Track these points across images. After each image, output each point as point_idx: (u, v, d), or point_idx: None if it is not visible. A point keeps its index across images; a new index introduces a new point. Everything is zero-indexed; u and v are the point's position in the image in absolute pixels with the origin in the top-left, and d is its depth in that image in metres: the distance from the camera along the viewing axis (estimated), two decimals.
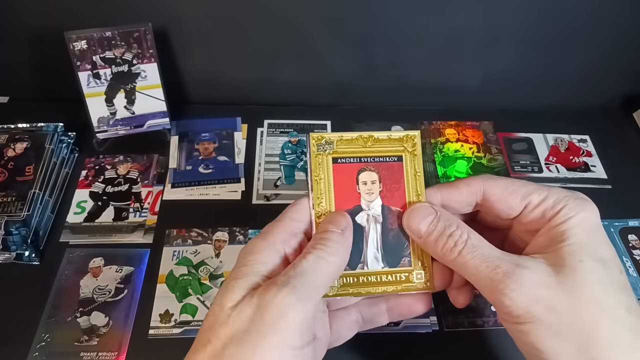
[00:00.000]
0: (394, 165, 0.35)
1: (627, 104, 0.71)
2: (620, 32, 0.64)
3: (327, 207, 0.34)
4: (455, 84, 0.70)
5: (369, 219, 0.35)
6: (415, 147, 0.35)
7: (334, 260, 0.30)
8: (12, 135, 0.59)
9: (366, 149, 0.35)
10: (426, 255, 0.35)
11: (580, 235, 0.29)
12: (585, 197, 0.31)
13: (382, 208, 0.35)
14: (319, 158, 0.35)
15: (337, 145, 0.35)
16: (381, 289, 0.35)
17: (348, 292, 0.34)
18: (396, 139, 0.35)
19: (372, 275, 0.35)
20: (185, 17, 0.61)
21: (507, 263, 0.28)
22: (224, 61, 0.67)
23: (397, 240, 0.35)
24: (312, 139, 0.35)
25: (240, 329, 0.27)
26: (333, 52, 0.66)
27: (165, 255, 0.53)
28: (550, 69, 0.68)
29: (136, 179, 0.60)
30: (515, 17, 0.62)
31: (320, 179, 0.34)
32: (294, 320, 0.27)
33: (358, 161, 0.35)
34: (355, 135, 0.35)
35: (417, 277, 0.35)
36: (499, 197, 0.32)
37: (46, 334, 0.47)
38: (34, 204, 0.53)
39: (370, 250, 0.35)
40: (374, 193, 0.35)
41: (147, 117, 0.62)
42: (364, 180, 0.35)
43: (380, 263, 0.35)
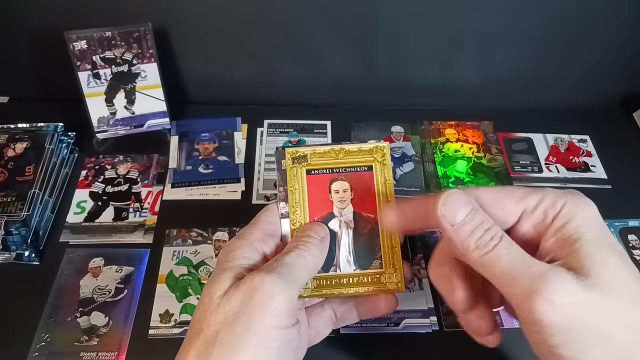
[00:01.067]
0: (365, 175, 0.38)
1: (627, 104, 0.71)
2: (620, 32, 0.64)
3: (302, 215, 0.37)
4: (455, 84, 0.70)
5: (341, 225, 0.37)
6: (384, 157, 0.38)
7: (312, 261, 0.33)
8: (12, 135, 0.59)
9: (338, 161, 0.38)
10: (397, 258, 0.37)
11: (592, 232, 0.28)
12: (580, 193, 0.30)
13: (354, 214, 0.37)
14: (294, 170, 0.37)
15: (311, 158, 0.37)
16: (353, 289, 0.37)
17: (322, 293, 0.37)
18: (366, 150, 0.38)
19: (344, 277, 0.37)
20: (185, 17, 0.61)
21: (541, 265, 0.27)
22: (224, 61, 0.67)
23: (369, 244, 0.37)
24: (287, 153, 0.37)
25: (231, 312, 0.28)
26: (333, 52, 0.66)
27: (165, 255, 0.53)
28: (551, 69, 0.68)
29: (136, 179, 0.60)
30: (516, 17, 0.62)
31: (295, 190, 0.37)
32: (282, 301, 0.29)
33: (330, 172, 0.38)
34: (328, 149, 0.38)
35: (388, 279, 0.37)
36: (493, 201, 0.31)
37: (46, 334, 0.46)
38: (34, 204, 0.53)
39: (342, 253, 0.37)
40: (345, 201, 0.37)
41: (147, 117, 0.62)
42: (336, 189, 0.37)
43: (352, 266, 0.37)
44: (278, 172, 0.37)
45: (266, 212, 0.37)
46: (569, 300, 0.25)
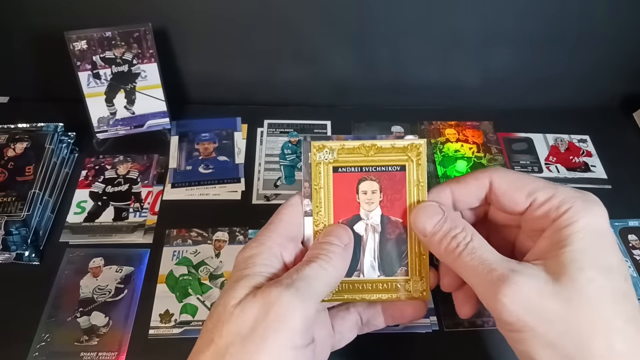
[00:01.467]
0: (396, 175, 0.35)
1: (627, 104, 0.71)
2: (620, 32, 0.64)
3: (326, 216, 0.34)
4: (455, 84, 0.70)
5: (367, 228, 0.35)
6: (420, 156, 0.34)
7: (334, 273, 0.31)
8: (12, 135, 0.59)
9: (368, 158, 0.34)
10: (424, 265, 0.35)
11: (584, 241, 0.27)
12: (594, 198, 0.30)
13: (381, 218, 0.35)
14: (320, 167, 0.34)
15: (339, 154, 0.34)
16: (376, 296, 0.35)
17: (343, 298, 0.35)
18: (400, 147, 0.34)
19: (367, 283, 0.35)
20: (185, 17, 0.61)
21: (503, 268, 0.28)
22: (224, 61, 0.67)
23: (395, 249, 0.35)
24: (313, 147, 0.34)
25: (244, 326, 0.27)
26: (333, 52, 0.66)
27: (165, 255, 0.53)
28: (550, 69, 0.68)
29: (136, 179, 0.60)
30: (516, 17, 0.62)
31: (320, 188, 0.34)
32: (298, 321, 0.27)
33: (359, 170, 0.34)
34: (358, 144, 0.34)
35: (413, 287, 0.35)
36: (505, 191, 0.31)
37: (46, 334, 0.46)
38: (34, 204, 0.53)
39: (367, 258, 0.35)
40: (373, 203, 0.35)
41: (147, 117, 0.62)
42: (364, 189, 0.35)
43: (377, 272, 0.35)
44: (304, 164, 0.34)
45: (289, 209, 0.34)
46: (523, 300, 0.26)
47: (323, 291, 0.30)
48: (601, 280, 0.26)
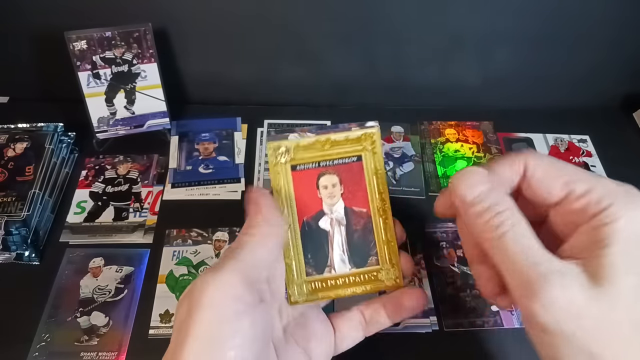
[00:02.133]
0: (354, 166, 0.35)
1: (627, 104, 0.71)
2: (620, 32, 0.64)
3: (290, 215, 0.34)
4: (455, 84, 0.70)
5: (333, 223, 0.35)
6: (374, 144, 0.35)
7: (257, 232, 0.30)
8: (12, 135, 0.59)
9: (325, 152, 0.34)
10: (394, 253, 0.35)
11: (626, 242, 0.25)
12: (636, 192, 0.27)
13: (345, 210, 0.35)
14: (278, 167, 0.34)
15: (295, 152, 0.34)
16: (350, 290, 0.35)
17: (317, 297, 0.35)
18: (354, 138, 0.35)
19: (340, 278, 0.35)
20: (185, 17, 0.61)
21: (549, 264, 0.25)
22: (224, 61, 0.67)
23: (363, 240, 0.35)
24: (269, 148, 0.34)
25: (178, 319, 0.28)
26: (333, 52, 0.66)
27: (165, 255, 0.53)
28: (550, 69, 0.68)
29: (136, 179, 0.60)
30: (515, 17, 0.62)
31: (280, 189, 0.34)
32: (214, 293, 0.27)
33: (317, 166, 0.34)
34: (313, 140, 0.34)
35: (385, 275, 0.35)
36: (540, 178, 0.28)
37: (46, 334, 0.47)
38: (34, 204, 0.53)
39: (336, 253, 0.35)
40: (335, 196, 0.35)
41: (147, 117, 0.62)
42: (325, 184, 0.35)
43: (348, 265, 0.35)
44: None
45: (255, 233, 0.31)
46: (564, 304, 0.24)
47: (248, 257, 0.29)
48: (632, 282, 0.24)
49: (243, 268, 0.28)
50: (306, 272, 0.34)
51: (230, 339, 0.26)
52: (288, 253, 0.34)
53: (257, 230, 0.30)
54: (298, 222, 0.34)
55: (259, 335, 0.28)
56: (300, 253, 0.34)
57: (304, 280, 0.34)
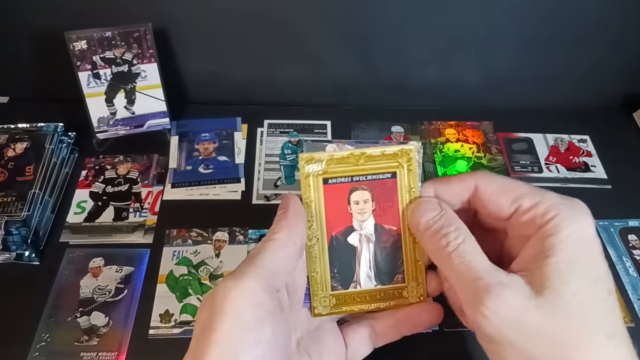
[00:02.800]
0: (388, 183, 0.34)
1: (627, 104, 0.71)
2: (620, 32, 0.64)
3: (319, 229, 0.34)
4: (455, 84, 0.70)
5: (362, 239, 0.34)
6: (410, 162, 0.34)
7: (278, 237, 0.30)
8: (12, 135, 0.59)
9: (358, 167, 0.33)
10: (420, 271, 0.34)
11: (568, 251, 0.27)
12: (581, 205, 0.29)
13: (375, 227, 0.34)
14: (309, 180, 0.33)
15: (328, 165, 0.33)
16: (374, 305, 0.35)
17: (341, 311, 0.35)
18: (390, 154, 0.33)
19: (365, 294, 0.35)
20: (185, 17, 0.61)
21: (490, 277, 0.27)
22: (224, 61, 0.67)
23: (391, 258, 0.34)
24: (301, 159, 0.33)
25: (199, 324, 0.27)
26: (333, 52, 0.66)
27: (165, 255, 0.53)
28: (550, 69, 0.68)
29: (136, 179, 0.60)
30: (515, 17, 0.62)
31: (310, 201, 0.33)
32: (236, 300, 0.27)
33: (350, 180, 0.34)
34: (347, 154, 0.33)
35: (410, 292, 0.35)
36: (490, 196, 0.31)
37: (46, 334, 0.47)
38: (34, 204, 0.53)
39: (362, 269, 0.35)
40: (366, 212, 0.34)
41: (147, 117, 0.62)
42: (356, 200, 0.34)
43: (374, 281, 0.35)
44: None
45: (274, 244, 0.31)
46: (506, 314, 0.26)
47: (272, 261, 0.29)
48: (584, 294, 0.26)
49: (264, 274, 0.28)
50: (332, 286, 0.34)
51: (252, 347, 0.26)
52: (314, 266, 0.34)
53: (279, 236, 0.30)
54: (327, 236, 0.34)
55: (280, 344, 0.28)
56: (327, 267, 0.34)
57: (329, 293, 0.34)
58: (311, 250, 0.34)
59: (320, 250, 0.34)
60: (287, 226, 0.30)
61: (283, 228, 0.30)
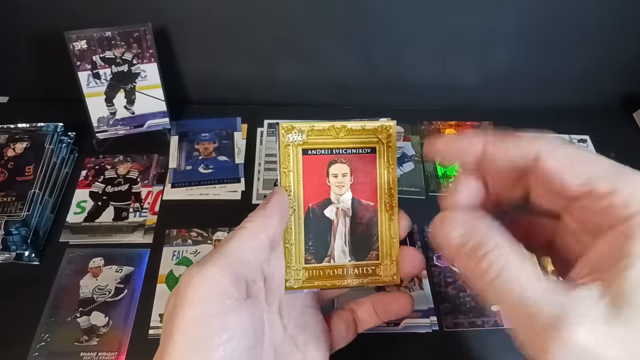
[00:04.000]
0: (367, 157, 0.34)
1: (627, 104, 0.71)
2: (620, 32, 0.64)
3: (295, 200, 0.33)
4: (455, 83, 0.70)
5: (338, 213, 0.34)
6: (390, 138, 0.34)
7: (249, 226, 0.30)
8: (12, 135, 0.59)
9: (338, 140, 0.34)
10: (395, 249, 0.35)
11: None
12: None
13: (352, 201, 0.34)
14: (289, 149, 0.33)
15: (308, 136, 0.33)
16: (347, 281, 0.34)
17: (313, 285, 0.34)
18: (370, 129, 0.34)
19: (338, 269, 0.34)
20: (185, 17, 0.61)
21: (551, 307, 0.21)
22: (224, 61, 0.67)
23: (366, 233, 0.34)
24: (281, 128, 0.33)
25: (167, 315, 0.27)
26: (333, 52, 0.66)
27: (165, 255, 0.53)
28: (550, 68, 0.68)
29: (136, 179, 0.60)
30: (515, 17, 0.62)
31: (289, 171, 0.33)
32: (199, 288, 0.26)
33: (329, 152, 0.34)
34: (327, 125, 0.33)
35: (383, 271, 0.35)
36: (552, 169, 0.24)
37: (46, 334, 0.47)
38: (34, 204, 0.53)
39: (337, 244, 0.34)
40: (344, 186, 0.34)
41: (147, 117, 0.62)
42: (335, 172, 0.34)
43: (348, 257, 0.34)
44: (277, 150, 0.34)
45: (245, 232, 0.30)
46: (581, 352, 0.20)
47: (235, 252, 0.28)
48: None
49: (229, 262, 0.28)
50: (305, 259, 0.34)
51: (217, 335, 0.25)
52: (289, 237, 0.34)
53: (250, 225, 0.29)
54: (303, 208, 0.34)
55: (248, 331, 0.27)
56: (302, 239, 0.34)
57: (302, 266, 0.34)
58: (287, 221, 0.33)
59: (296, 221, 0.34)
60: (262, 216, 0.30)
61: (257, 218, 0.30)
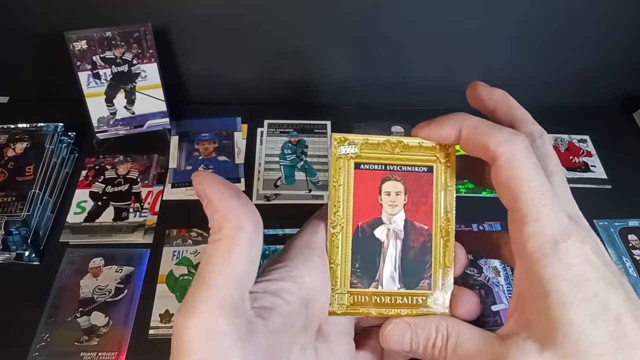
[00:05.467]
0: (423, 177, 0.32)
1: (627, 104, 0.71)
2: (620, 33, 0.64)
3: (344, 217, 0.32)
4: (455, 83, 0.69)
5: (389, 234, 0.32)
6: (449, 157, 0.32)
7: (222, 236, 0.25)
8: (12, 135, 0.59)
9: (393, 156, 0.32)
10: (448, 279, 0.32)
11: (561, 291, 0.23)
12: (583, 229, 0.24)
13: (405, 223, 0.32)
14: (340, 162, 0.31)
15: (361, 149, 0.31)
16: (394, 311, 0.32)
17: (358, 312, 0.32)
18: (428, 147, 0.32)
19: (386, 296, 0.32)
20: (185, 17, 0.61)
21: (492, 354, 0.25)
22: (224, 61, 0.67)
23: (419, 260, 0.32)
24: (334, 140, 0.31)
25: None
26: (333, 52, 0.66)
27: (165, 255, 0.53)
28: (551, 69, 0.68)
29: (136, 179, 0.60)
30: (515, 17, 0.62)
31: (339, 185, 0.31)
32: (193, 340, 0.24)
33: (383, 169, 0.32)
34: (383, 140, 0.31)
35: (435, 302, 0.32)
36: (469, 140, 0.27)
37: (46, 334, 0.46)
38: (34, 204, 0.53)
39: (387, 268, 0.32)
40: (397, 205, 0.32)
41: (147, 117, 0.62)
42: (388, 190, 0.32)
43: (397, 283, 0.32)
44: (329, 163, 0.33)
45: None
46: None
47: (225, 273, 0.24)
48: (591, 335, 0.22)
49: (220, 296, 0.24)
50: (351, 282, 0.32)
51: None
52: (335, 257, 0.32)
53: (221, 235, 0.25)
54: (352, 226, 0.32)
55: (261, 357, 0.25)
56: (349, 260, 0.32)
57: (347, 290, 0.32)
58: (334, 239, 0.31)
59: (343, 240, 0.32)
60: (225, 219, 0.25)
61: (221, 221, 0.25)
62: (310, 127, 0.67)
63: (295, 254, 0.29)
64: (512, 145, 0.26)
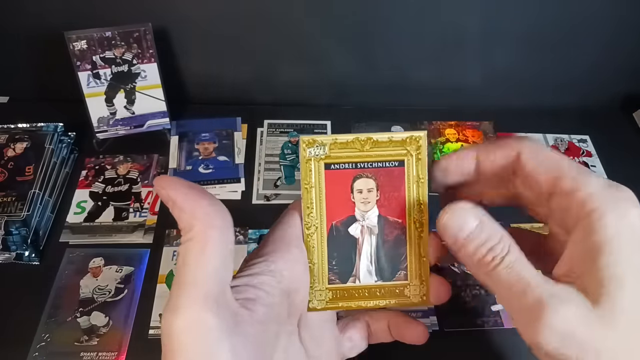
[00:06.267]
0: (394, 171, 0.32)
1: (627, 104, 0.71)
2: (620, 32, 0.64)
3: (318, 217, 0.32)
4: (455, 84, 0.70)
5: (363, 230, 0.33)
6: (420, 150, 0.32)
7: (194, 234, 0.26)
8: (12, 135, 0.59)
9: (363, 153, 0.32)
10: (424, 269, 0.33)
11: (619, 251, 0.23)
12: (624, 193, 0.26)
13: (378, 218, 0.32)
14: (310, 164, 0.32)
15: (331, 150, 0.32)
16: (373, 302, 0.33)
17: (337, 306, 0.33)
18: (398, 141, 0.32)
19: (364, 289, 0.33)
20: (185, 17, 0.61)
21: (541, 290, 0.24)
22: (224, 61, 0.67)
23: (393, 253, 0.33)
24: (302, 142, 0.31)
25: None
26: (333, 52, 0.66)
27: (165, 255, 0.53)
28: (551, 68, 0.68)
29: (136, 179, 0.60)
30: (516, 17, 0.62)
31: (310, 187, 0.32)
32: (183, 338, 0.24)
33: (354, 167, 0.32)
34: (351, 138, 0.31)
35: (412, 291, 0.33)
36: (531, 169, 0.27)
37: (46, 334, 0.47)
38: (34, 204, 0.53)
39: (363, 263, 0.33)
40: (370, 202, 0.32)
41: (147, 117, 0.62)
42: (359, 188, 0.32)
43: (374, 277, 0.33)
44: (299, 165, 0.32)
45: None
46: (567, 331, 0.23)
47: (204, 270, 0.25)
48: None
49: (203, 291, 0.24)
50: (329, 279, 0.33)
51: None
52: (312, 257, 0.33)
53: (192, 234, 0.25)
54: (326, 226, 0.32)
55: (249, 352, 0.25)
56: (325, 258, 0.33)
57: (326, 287, 0.33)
58: (309, 239, 0.32)
59: (318, 239, 0.32)
60: (194, 218, 0.26)
61: (190, 221, 0.26)
62: (310, 127, 0.67)
63: (274, 249, 0.29)
64: (526, 140, 0.28)
